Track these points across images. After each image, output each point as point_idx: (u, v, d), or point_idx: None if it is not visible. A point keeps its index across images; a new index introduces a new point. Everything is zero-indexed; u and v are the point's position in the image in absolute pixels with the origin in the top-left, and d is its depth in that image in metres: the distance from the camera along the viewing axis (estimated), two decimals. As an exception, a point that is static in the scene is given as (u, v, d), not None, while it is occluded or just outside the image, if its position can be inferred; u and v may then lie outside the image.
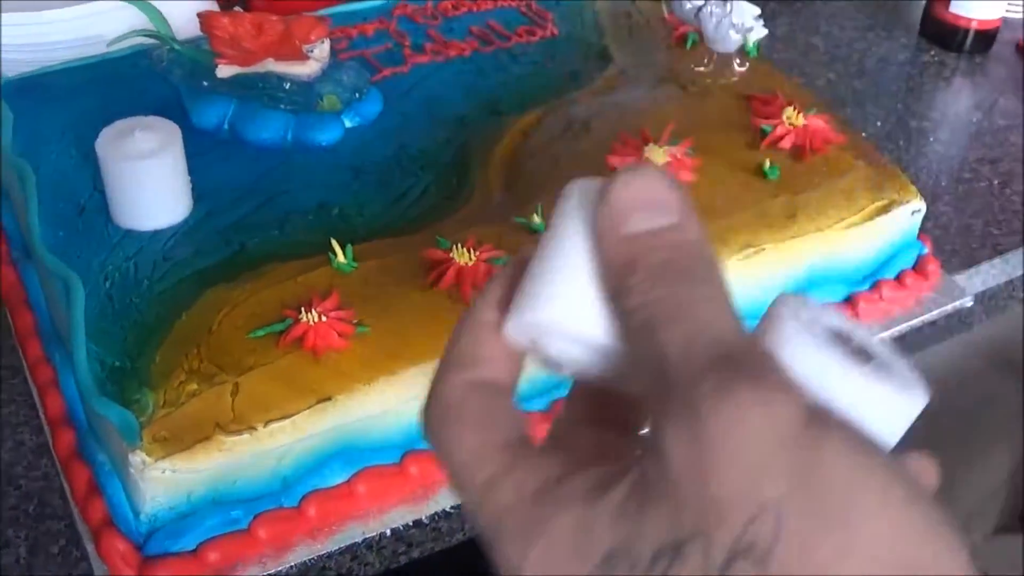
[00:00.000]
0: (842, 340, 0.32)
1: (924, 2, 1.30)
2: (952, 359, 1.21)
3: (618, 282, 0.31)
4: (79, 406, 0.71)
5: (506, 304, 0.35)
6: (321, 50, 0.82)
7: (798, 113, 0.85)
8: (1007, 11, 1.28)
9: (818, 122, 0.86)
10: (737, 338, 0.30)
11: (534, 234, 0.74)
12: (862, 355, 0.32)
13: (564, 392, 0.66)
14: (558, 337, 0.33)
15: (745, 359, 0.29)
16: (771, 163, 0.82)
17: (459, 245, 0.71)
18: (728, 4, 0.88)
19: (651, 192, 0.32)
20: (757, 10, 0.92)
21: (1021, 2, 1.32)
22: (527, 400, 0.72)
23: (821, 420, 0.29)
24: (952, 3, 1.24)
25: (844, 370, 0.31)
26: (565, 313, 0.33)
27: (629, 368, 0.32)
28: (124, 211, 0.75)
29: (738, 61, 0.92)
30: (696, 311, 0.30)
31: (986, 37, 1.26)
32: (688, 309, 0.30)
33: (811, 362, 0.31)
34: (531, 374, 0.63)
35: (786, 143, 0.84)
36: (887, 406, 0.32)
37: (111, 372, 0.65)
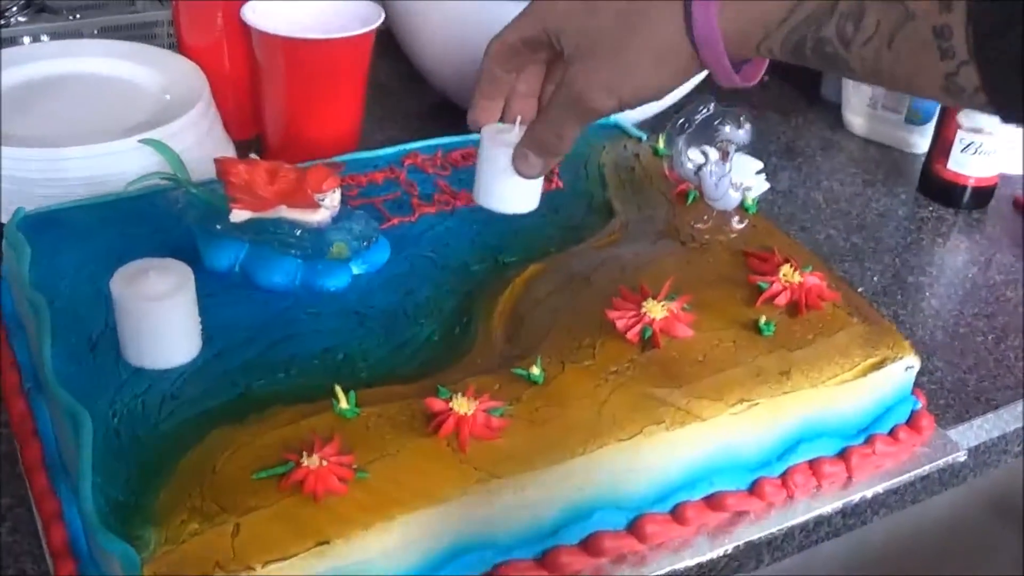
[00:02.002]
0: None
1: (923, 159, 1.34)
2: (951, 506, 1.22)
3: None
4: (82, 538, 0.72)
5: None
6: (332, 199, 0.84)
7: (794, 270, 0.88)
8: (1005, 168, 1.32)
9: (813, 279, 0.88)
10: None
11: (533, 385, 0.76)
12: None
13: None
14: None
15: None
16: (767, 319, 0.84)
17: (459, 395, 0.72)
18: (727, 164, 0.90)
19: None
20: (759, 164, 0.94)
21: (1021, 159, 1.36)
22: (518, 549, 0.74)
23: None
24: (950, 160, 1.27)
25: None
26: None
27: None
28: (135, 349, 0.77)
29: (737, 218, 0.95)
30: None
31: (984, 193, 1.30)
32: None
33: None
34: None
35: (782, 300, 0.87)
36: None
37: (116, 507, 0.66)
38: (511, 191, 0.84)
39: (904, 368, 0.87)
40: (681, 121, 0.91)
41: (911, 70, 0.64)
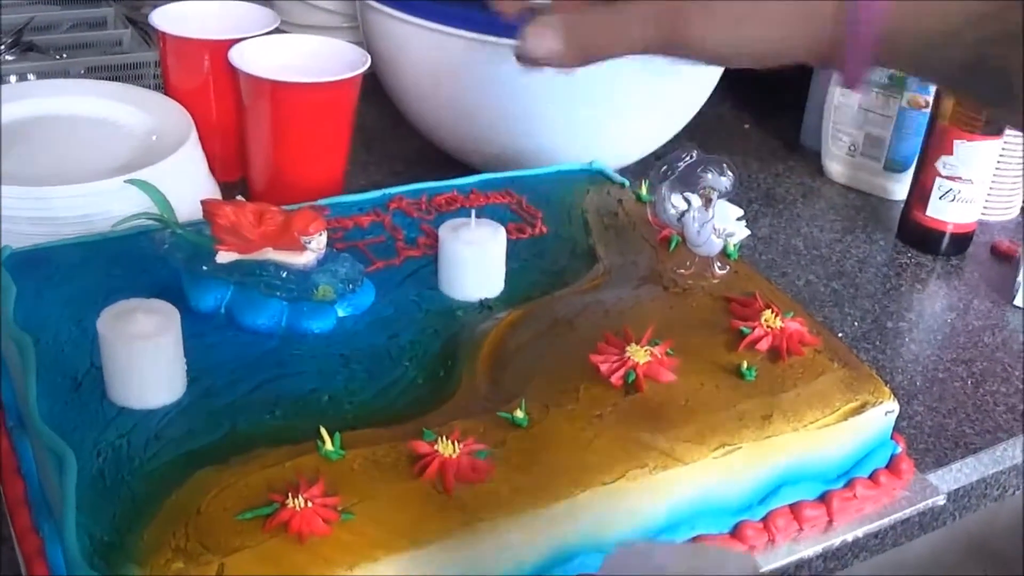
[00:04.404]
0: None
1: (902, 206, 1.35)
2: (930, 548, 1.22)
3: None
4: (65, 577, 0.72)
5: None
6: (318, 242, 0.85)
7: (775, 316, 0.89)
8: (983, 213, 1.33)
9: (795, 325, 0.89)
10: None
11: (517, 428, 0.76)
12: None
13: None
14: None
15: None
16: (748, 364, 0.84)
17: (444, 437, 0.73)
18: (710, 210, 0.91)
19: None
20: (740, 211, 0.95)
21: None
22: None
23: None
24: (929, 207, 1.29)
25: None
26: None
27: None
28: (120, 389, 0.77)
29: (719, 264, 0.96)
30: None
31: (962, 240, 1.31)
32: None
33: None
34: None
35: (763, 345, 0.87)
36: None
37: (99, 546, 0.66)
38: (472, 281, 0.91)
39: (884, 413, 0.87)
40: (664, 168, 0.92)
41: None
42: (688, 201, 0.92)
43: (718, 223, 0.92)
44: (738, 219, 0.95)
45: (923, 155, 1.29)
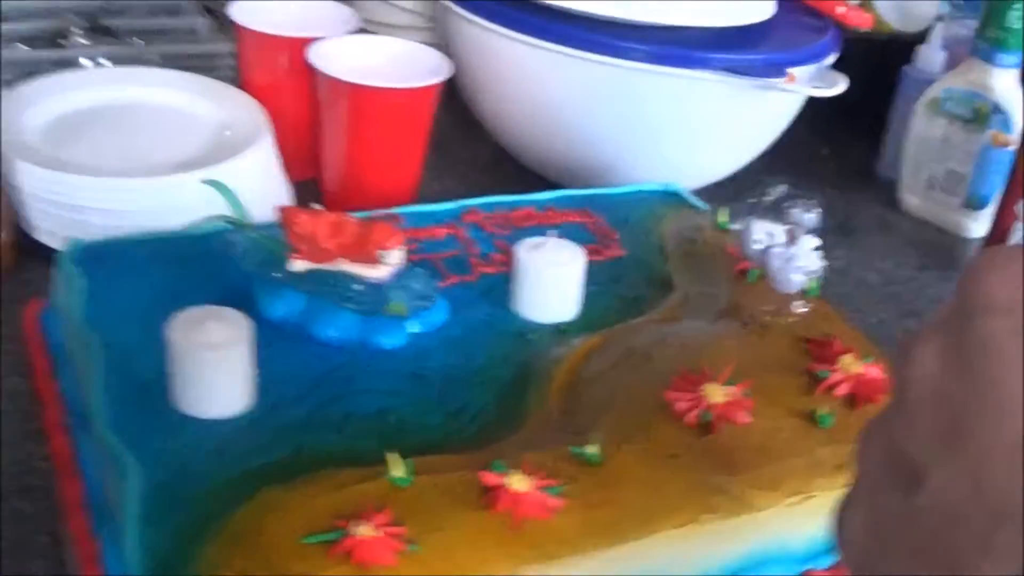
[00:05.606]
0: None
1: (979, 244, 1.33)
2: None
3: None
4: (120, 583, 0.71)
5: None
6: (395, 256, 0.84)
7: (855, 361, 0.86)
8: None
9: (874, 371, 0.86)
10: None
11: (589, 464, 0.75)
12: None
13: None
14: None
15: None
16: (825, 410, 0.82)
17: (515, 470, 0.71)
18: (794, 247, 0.90)
19: None
20: (817, 241, 0.93)
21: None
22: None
23: None
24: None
25: None
26: None
27: None
28: (187, 397, 0.76)
29: (798, 302, 0.94)
30: None
31: (1039, 281, 1.28)
32: None
33: None
34: None
35: (841, 391, 0.85)
36: None
37: (160, 560, 0.65)
38: (547, 302, 0.90)
39: (959, 465, 0.85)
40: (753, 201, 0.91)
41: None
42: (772, 236, 0.90)
43: (802, 261, 0.90)
44: (814, 249, 0.93)
45: (1005, 195, 1.27)
